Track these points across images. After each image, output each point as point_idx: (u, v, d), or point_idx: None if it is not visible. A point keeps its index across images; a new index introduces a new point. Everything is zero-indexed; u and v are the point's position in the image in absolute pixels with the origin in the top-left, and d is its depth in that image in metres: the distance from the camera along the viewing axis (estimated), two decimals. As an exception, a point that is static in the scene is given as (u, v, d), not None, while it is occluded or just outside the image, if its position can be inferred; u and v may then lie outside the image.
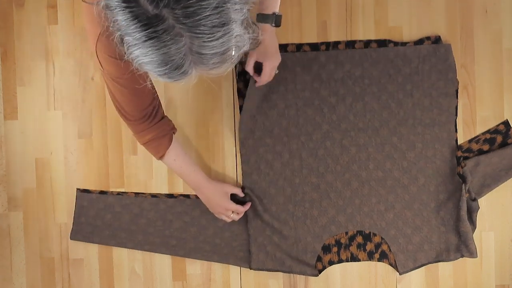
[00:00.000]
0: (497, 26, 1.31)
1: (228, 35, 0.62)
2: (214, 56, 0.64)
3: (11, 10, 1.32)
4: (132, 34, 0.60)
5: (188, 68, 0.64)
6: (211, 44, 0.62)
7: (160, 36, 0.60)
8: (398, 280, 1.32)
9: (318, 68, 1.29)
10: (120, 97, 0.97)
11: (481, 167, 1.29)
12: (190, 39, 0.61)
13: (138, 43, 0.61)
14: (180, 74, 0.65)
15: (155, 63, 0.63)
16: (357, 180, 1.29)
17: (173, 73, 0.64)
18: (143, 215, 1.31)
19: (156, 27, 0.59)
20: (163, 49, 0.61)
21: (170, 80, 0.66)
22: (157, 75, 0.65)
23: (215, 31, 0.61)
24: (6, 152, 1.33)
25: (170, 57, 0.62)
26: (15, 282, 1.34)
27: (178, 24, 0.59)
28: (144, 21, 0.59)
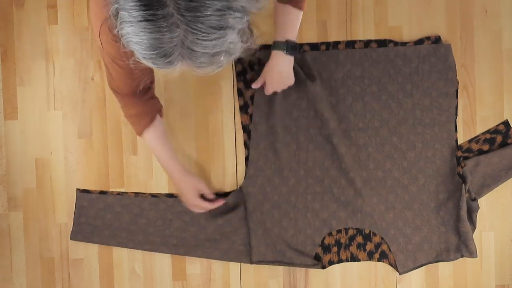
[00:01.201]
0: (497, 26, 1.31)
1: (222, 39, 0.63)
2: (204, 56, 0.64)
3: (11, 10, 1.32)
4: (129, 10, 0.60)
5: (175, 59, 0.64)
6: (204, 43, 0.62)
7: (157, 20, 0.59)
8: (398, 280, 1.32)
9: (318, 68, 1.29)
10: (115, 73, 0.97)
11: (481, 167, 1.29)
12: (185, 33, 0.61)
13: (133, 21, 0.60)
14: (166, 62, 0.64)
15: (144, 45, 0.62)
16: (361, 180, 1.29)
17: (159, 60, 0.64)
18: (143, 215, 1.31)
19: (156, 11, 0.59)
20: (156, 34, 0.60)
21: (154, 65, 0.66)
22: (143, 57, 0.64)
23: (211, 31, 0.61)
24: (6, 152, 1.33)
25: (160, 44, 0.61)
26: (15, 282, 1.34)
27: (178, 15, 0.59)
28: (145, 1, 0.59)
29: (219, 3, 0.60)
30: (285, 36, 1.11)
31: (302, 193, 1.30)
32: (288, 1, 1.06)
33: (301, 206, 1.30)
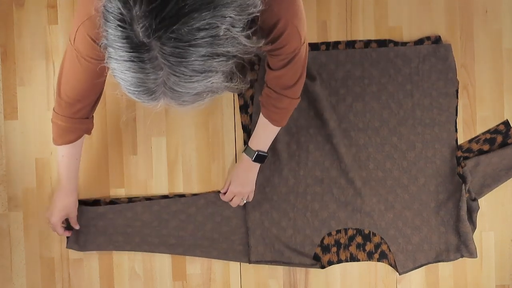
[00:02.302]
0: (497, 26, 1.31)
1: (205, 81, 0.64)
2: (186, 95, 0.66)
3: (11, 10, 1.32)
4: (117, 49, 0.62)
5: (157, 97, 0.66)
6: (186, 85, 0.64)
7: (142, 62, 0.61)
8: (398, 280, 1.32)
9: (318, 68, 1.29)
10: (71, 75, 0.95)
11: (481, 167, 1.29)
12: (168, 75, 0.63)
13: (119, 59, 0.62)
14: (148, 99, 0.67)
15: (128, 82, 0.65)
16: (360, 180, 1.29)
17: (142, 96, 0.66)
18: (137, 217, 1.30)
19: (141, 54, 0.61)
20: (140, 74, 0.63)
21: (138, 100, 0.68)
22: (127, 92, 0.67)
23: (194, 74, 0.63)
24: (6, 152, 1.33)
25: (144, 83, 0.64)
26: (15, 282, 1.34)
27: (162, 59, 0.61)
28: (131, 44, 0.61)
29: (204, 50, 0.61)
30: (257, 146, 1.19)
31: (301, 193, 1.30)
32: (268, 117, 1.12)
33: (301, 206, 1.30)
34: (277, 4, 0.82)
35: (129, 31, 0.60)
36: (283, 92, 1.03)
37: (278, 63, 0.96)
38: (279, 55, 0.93)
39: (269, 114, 1.11)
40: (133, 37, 0.60)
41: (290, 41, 0.88)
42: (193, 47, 0.60)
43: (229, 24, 0.62)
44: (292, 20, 0.86)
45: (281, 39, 0.87)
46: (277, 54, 0.93)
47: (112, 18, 0.61)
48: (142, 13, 0.58)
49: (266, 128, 1.15)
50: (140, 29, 0.59)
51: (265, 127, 1.15)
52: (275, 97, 1.05)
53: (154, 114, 1.32)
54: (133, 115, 1.32)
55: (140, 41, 0.60)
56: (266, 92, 1.07)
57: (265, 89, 1.07)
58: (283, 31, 0.85)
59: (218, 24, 0.61)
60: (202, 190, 1.32)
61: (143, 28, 0.59)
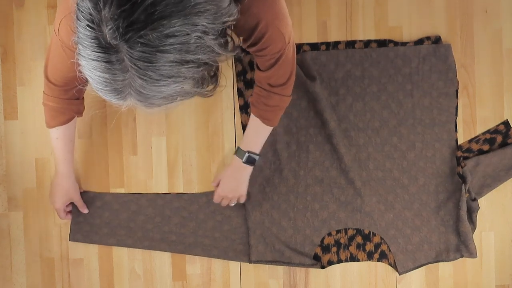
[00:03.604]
0: (497, 26, 1.31)
1: (173, 86, 0.64)
2: (153, 98, 0.66)
3: (11, 10, 1.32)
4: (85, 47, 0.62)
5: (124, 97, 0.66)
6: (153, 89, 0.64)
7: (109, 63, 0.62)
8: (398, 280, 1.32)
9: (318, 68, 1.29)
10: (57, 61, 0.96)
11: (481, 167, 1.29)
12: (134, 77, 0.63)
13: (87, 58, 0.63)
14: (115, 98, 0.67)
15: (95, 80, 0.65)
16: (360, 180, 1.29)
17: (109, 95, 0.67)
18: (141, 211, 1.31)
19: (108, 55, 0.61)
20: (106, 74, 0.63)
21: (104, 97, 0.68)
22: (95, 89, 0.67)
23: (161, 79, 0.63)
24: (6, 152, 1.33)
25: (110, 83, 0.64)
26: (15, 282, 1.34)
27: (129, 62, 0.61)
28: (99, 45, 0.61)
29: (172, 56, 0.61)
30: (248, 147, 1.17)
31: (301, 193, 1.30)
32: (259, 116, 1.10)
33: (301, 206, 1.30)
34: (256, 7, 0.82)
35: (98, 32, 0.60)
36: (273, 90, 1.03)
37: (265, 63, 0.96)
38: (265, 55, 0.93)
39: (260, 113, 1.10)
40: (101, 38, 0.60)
41: (273, 42, 0.89)
42: (161, 53, 0.60)
43: (201, 32, 0.62)
44: (273, 21, 0.86)
45: (263, 40, 0.87)
46: (262, 55, 0.93)
47: (82, 17, 0.61)
48: (111, 16, 0.59)
49: (257, 128, 1.14)
50: (108, 31, 0.59)
51: (256, 127, 1.14)
52: (265, 95, 1.05)
53: (154, 114, 1.32)
54: (133, 115, 1.32)
55: (107, 42, 0.60)
56: (256, 91, 1.06)
57: (255, 88, 1.07)
58: (265, 32, 0.86)
59: (188, 31, 0.61)
60: (202, 190, 1.32)
61: (111, 30, 0.59)
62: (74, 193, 1.26)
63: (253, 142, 1.17)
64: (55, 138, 1.16)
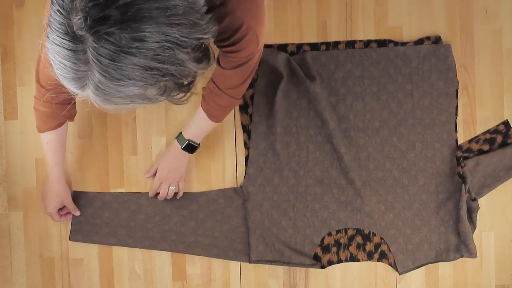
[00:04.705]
0: (497, 26, 1.31)
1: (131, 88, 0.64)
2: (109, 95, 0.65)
3: (11, 10, 1.32)
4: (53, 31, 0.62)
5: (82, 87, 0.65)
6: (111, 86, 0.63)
7: (72, 51, 0.61)
8: (398, 280, 1.32)
9: (318, 68, 1.30)
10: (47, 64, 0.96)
11: (481, 167, 1.29)
12: (94, 72, 0.62)
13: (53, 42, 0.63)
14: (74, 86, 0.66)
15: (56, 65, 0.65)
16: (360, 180, 1.29)
17: (68, 82, 0.66)
18: (141, 211, 1.31)
19: (73, 44, 0.61)
20: (68, 61, 0.63)
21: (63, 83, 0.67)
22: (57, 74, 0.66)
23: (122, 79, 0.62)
24: (6, 152, 1.33)
25: (70, 70, 0.64)
26: (15, 282, 1.34)
27: (92, 56, 0.61)
28: (66, 32, 0.61)
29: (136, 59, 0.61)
30: (190, 136, 1.18)
31: (301, 193, 1.30)
32: (207, 111, 1.11)
33: (301, 206, 1.30)
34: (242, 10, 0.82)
35: (66, 19, 0.60)
36: (226, 91, 1.04)
37: (230, 64, 0.96)
38: (234, 57, 0.93)
39: (208, 109, 1.10)
40: (68, 26, 0.60)
41: (247, 46, 0.89)
42: (126, 54, 0.60)
43: (172, 43, 0.62)
44: (255, 26, 0.87)
45: (241, 43, 0.88)
46: (232, 56, 0.93)
47: (56, 2, 0.61)
48: (83, 7, 0.59)
49: (202, 120, 1.14)
50: (76, 21, 0.59)
51: (202, 120, 1.14)
52: (217, 93, 1.05)
53: (154, 114, 1.32)
54: (133, 115, 1.32)
55: (73, 31, 0.60)
56: (210, 87, 1.06)
57: (210, 83, 1.06)
58: (244, 35, 0.86)
59: (158, 40, 0.61)
60: (202, 190, 1.32)
61: (79, 20, 0.59)
62: (66, 197, 1.26)
63: (196, 133, 1.18)
64: (46, 142, 1.16)
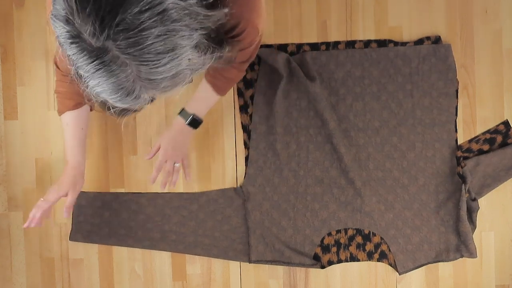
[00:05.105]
0: (497, 26, 1.31)
1: (176, 60, 0.63)
2: (164, 80, 0.65)
3: (11, 10, 1.32)
4: (82, 67, 0.62)
5: (139, 93, 0.66)
6: (159, 70, 0.63)
7: (107, 66, 0.61)
8: (398, 280, 1.32)
9: (318, 68, 1.30)
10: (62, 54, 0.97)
11: (481, 167, 1.29)
12: (137, 67, 0.62)
13: (89, 75, 0.63)
14: (133, 99, 0.66)
15: (107, 92, 0.65)
16: (360, 180, 1.29)
17: (126, 99, 0.66)
18: (141, 211, 1.31)
19: (102, 59, 0.61)
20: (112, 78, 0.62)
21: (126, 105, 0.68)
22: (113, 102, 0.67)
23: (161, 57, 0.62)
24: (6, 152, 1.33)
25: (119, 85, 0.64)
26: (15, 282, 1.34)
27: (122, 54, 0.61)
28: (90, 54, 0.61)
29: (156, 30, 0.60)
30: (194, 110, 1.17)
31: (301, 193, 1.30)
32: (213, 84, 1.11)
33: (301, 206, 1.30)
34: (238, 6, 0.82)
35: (82, 42, 0.60)
36: (233, 64, 1.05)
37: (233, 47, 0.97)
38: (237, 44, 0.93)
39: (214, 81, 1.11)
40: (87, 47, 0.60)
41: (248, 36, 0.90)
42: (144, 31, 0.59)
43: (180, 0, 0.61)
44: (252, 20, 0.87)
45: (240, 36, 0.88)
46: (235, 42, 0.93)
47: (63, 40, 0.61)
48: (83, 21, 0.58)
49: (207, 93, 1.14)
50: (89, 37, 0.59)
51: (206, 93, 1.14)
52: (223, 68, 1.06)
53: (154, 114, 1.32)
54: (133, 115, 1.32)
55: (94, 47, 0.60)
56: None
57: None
58: (244, 29, 0.87)
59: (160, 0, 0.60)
60: (202, 190, 1.32)
61: (90, 34, 0.59)
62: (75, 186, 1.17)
63: (200, 107, 1.17)
64: (66, 124, 1.14)
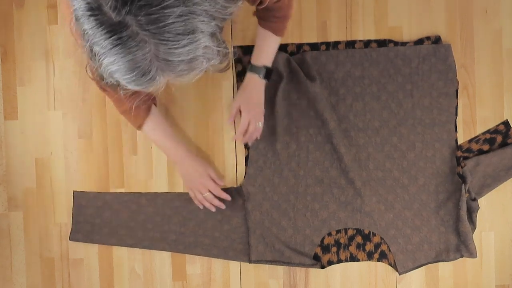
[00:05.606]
0: (497, 26, 1.31)
1: (194, 44, 0.63)
2: (181, 63, 0.65)
3: (11, 10, 1.33)
4: (99, 42, 0.62)
5: (155, 74, 0.65)
6: (177, 51, 0.63)
7: (125, 42, 0.61)
8: (398, 280, 1.32)
9: (318, 68, 1.30)
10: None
11: (481, 167, 1.29)
12: (155, 46, 0.62)
13: (105, 51, 0.62)
14: (147, 80, 0.66)
15: (122, 70, 0.64)
16: (360, 180, 1.29)
17: (141, 80, 0.65)
18: (141, 211, 1.31)
19: (121, 34, 0.60)
20: (129, 55, 0.62)
21: (139, 87, 0.67)
22: (126, 83, 0.66)
23: (180, 38, 0.62)
24: (6, 152, 1.33)
25: (136, 64, 0.63)
26: (15, 282, 1.34)
27: (142, 31, 0.60)
28: (108, 28, 0.60)
29: (178, 9, 0.60)
30: (262, 61, 1.16)
31: (301, 193, 1.30)
32: (269, 28, 1.10)
33: (301, 206, 1.30)
34: None
35: (101, 16, 0.60)
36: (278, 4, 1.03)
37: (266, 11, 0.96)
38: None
39: (269, 24, 1.10)
40: (106, 20, 0.60)
41: None
42: (167, 9, 0.59)
43: None
44: None
45: None
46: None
47: (82, 12, 0.61)
48: None
49: (267, 40, 1.13)
50: (109, 10, 0.59)
51: (266, 39, 1.13)
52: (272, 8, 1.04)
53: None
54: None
55: (114, 21, 0.59)
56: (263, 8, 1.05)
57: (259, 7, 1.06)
58: None
59: None
60: (202, 190, 1.32)
61: (111, 7, 0.58)
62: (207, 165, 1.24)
63: (265, 55, 1.16)
64: (152, 130, 1.15)
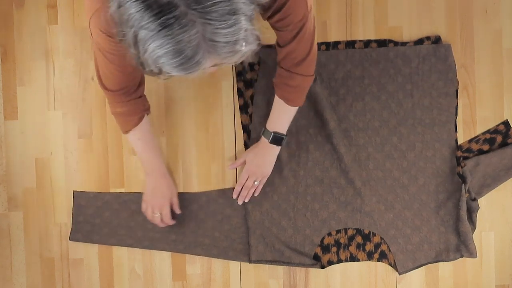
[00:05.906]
0: (497, 26, 1.31)
1: (238, 25, 0.64)
2: (227, 45, 0.65)
3: (11, 10, 1.33)
4: (146, 25, 0.62)
5: (201, 58, 0.65)
6: (223, 32, 0.63)
7: (174, 23, 0.61)
8: (398, 280, 1.32)
9: (318, 68, 1.30)
10: (104, 69, 0.97)
11: (481, 167, 1.29)
12: (203, 26, 0.62)
13: (153, 35, 0.62)
14: (193, 64, 0.66)
15: (169, 54, 0.64)
16: (360, 180, 1.29)
17: (187, 64, 0.65)
18: (141, 211, 1.31)
19: (169, 15, 0.61)
20: (177, 37, 0.62)
21: (184, 72, 0.67)
22: (172, 68, 0.66)
23: (226, 18, 0.63)
24: (6, 152, 1.33)
25: (184, 46, 0.63)
26: (15, 282, 1.34)
27: (190, 10, 0.61)
28: (157, 10, 0.61)
29: None
30: (274, 128, 1.18)
31: (301, 193, 1.30)
32: (282, 97, 1.12)
33: (301, 206, 1.30)
34: None
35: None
36: (294, 70, 1.04)
37: (287, 36, 0.96)
38: (287, 25, 0.92)
39: (283, 94, 1.11)
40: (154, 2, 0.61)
41: (295, 9, 0.89)
42: None
43: None
44: None
45: (285, 8, 0.87)
46: (285, 25, 0.92)
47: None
48: None
49: (281, 108, 1.15)
50: None
51: (280, 108, 1.15)
52: (286, 76, 1.06)
53: (154, 114, 1.32)
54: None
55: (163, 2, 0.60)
56: (279, 72, 1.08)
57: (278, 70, 1.08)
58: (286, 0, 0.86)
59: None
60: (202, 190, 1.32)
61: None
62: (174, 193, 1.26)
63: (278, 122, 1.18)
64: (137, 139, 1.16)
